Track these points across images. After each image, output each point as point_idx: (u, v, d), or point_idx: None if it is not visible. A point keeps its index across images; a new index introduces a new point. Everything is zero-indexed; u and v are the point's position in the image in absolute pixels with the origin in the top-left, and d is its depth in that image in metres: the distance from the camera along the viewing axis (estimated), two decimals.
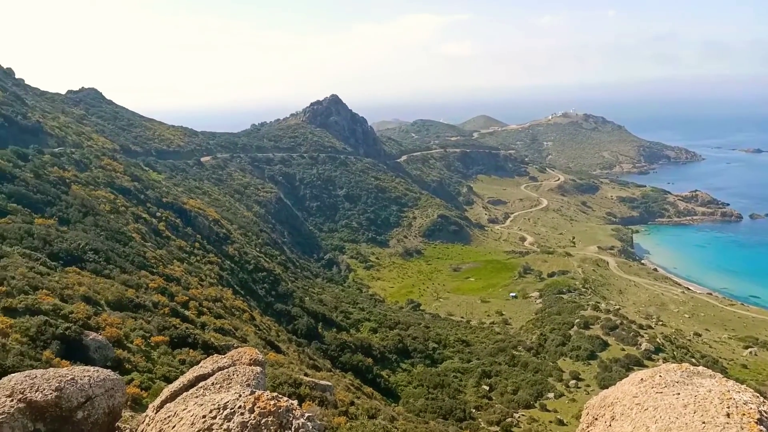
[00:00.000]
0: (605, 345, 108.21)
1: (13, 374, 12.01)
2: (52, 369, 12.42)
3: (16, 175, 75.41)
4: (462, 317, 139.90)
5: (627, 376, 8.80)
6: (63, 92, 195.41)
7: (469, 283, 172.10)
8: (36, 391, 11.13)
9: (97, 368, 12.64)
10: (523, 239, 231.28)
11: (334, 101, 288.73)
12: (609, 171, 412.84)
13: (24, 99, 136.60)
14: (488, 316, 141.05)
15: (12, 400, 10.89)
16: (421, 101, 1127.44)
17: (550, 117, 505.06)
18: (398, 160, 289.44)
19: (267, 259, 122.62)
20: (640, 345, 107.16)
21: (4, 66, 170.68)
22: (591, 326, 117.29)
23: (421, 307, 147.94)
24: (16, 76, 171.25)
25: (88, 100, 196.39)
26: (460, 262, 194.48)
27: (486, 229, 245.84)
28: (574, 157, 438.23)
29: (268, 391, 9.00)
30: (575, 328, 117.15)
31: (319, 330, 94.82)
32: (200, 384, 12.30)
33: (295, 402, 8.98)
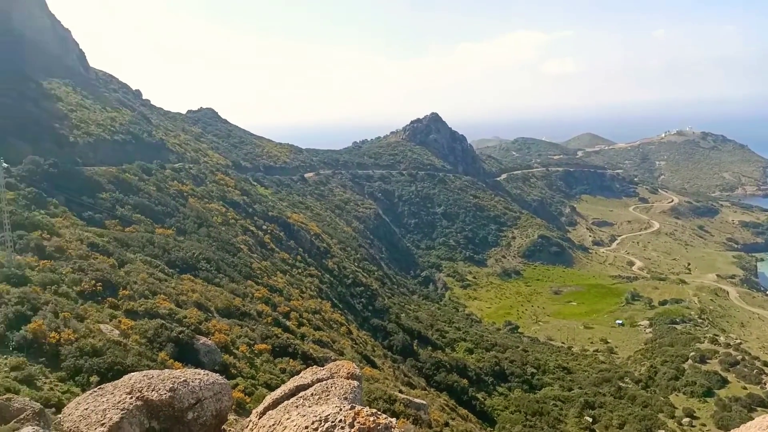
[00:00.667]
0: (724, 382, 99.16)
1: (132, 373, 12.85)
2: (166, 370, 13.16)
3: (141, 188, 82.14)
4: (563, 343, 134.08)
5: (750, 418, 7.86)
6: (183, 112, 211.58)
7: (570, 307, 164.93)
8: (152, 391, 11.82)
9: (206, 372, 13.25)
10: (631, 264, 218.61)
11: (434, 119, 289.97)
12: (730, 193, 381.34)
13: (150, 118, 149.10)
14: (592, 343, 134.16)
15: (131, 397, 11.63)
16: (522, 119, 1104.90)
17: (662, 135, 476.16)
18: (498, 179, 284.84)
19: (365, 274, 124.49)
20: (765, 384, 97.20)
21: (134, 88, 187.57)
22: (708, 360, 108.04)
23: (519, 330, 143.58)
24: (144, 97, 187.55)
25: (206, 119, 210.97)
26: (561, 284, 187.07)
27: (590, 251, 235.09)
28: (690, 178, 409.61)
29: (367, 407, 8.95)
30: (690, 361, 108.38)
31: (415, 347, 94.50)
32: (300, 394, 12.53)
33: (394, 420, 8.85)
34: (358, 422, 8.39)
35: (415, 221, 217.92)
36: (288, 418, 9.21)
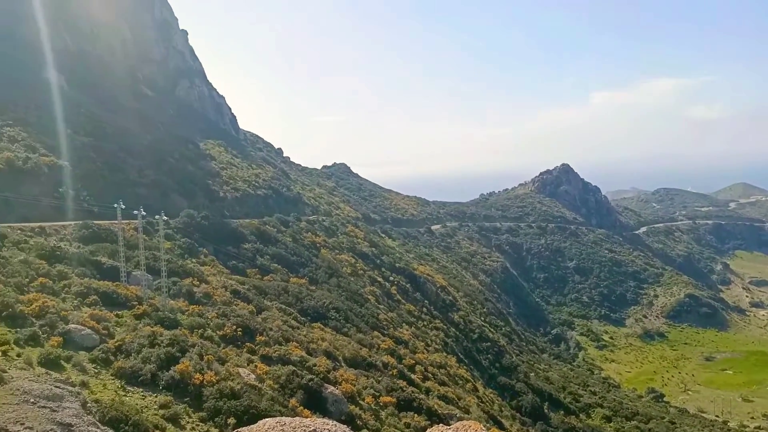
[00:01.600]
0: None
1: (266, 419, 13.49)
2: (297, 418, 13.67)
3: (279, 239, 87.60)
4: (717, 416, 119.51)
5: None
6: (319, 167, 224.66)
7: (726, 376, 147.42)
8: None
9: (334, 423, 13.57)
10: None
11: (565, 170, 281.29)
12: None
13: (288, 174, 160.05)
14: (752, 418, 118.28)
15: None
16: (663, 168, 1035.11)
17: None
18: (636, 232, 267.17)
19: (491, 329, 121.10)
20: None
21: (276, 146, 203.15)
22: None
23: (664, 399, 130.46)
24: (284, 155, 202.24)
25: (339, 173, 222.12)
26: (713, 350, 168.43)
27: (747, 314, 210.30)
28: None
29: None
30: None
31: (545, 410, 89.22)
32: None
33: None
34: None
35: (545, 275, 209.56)
36: None
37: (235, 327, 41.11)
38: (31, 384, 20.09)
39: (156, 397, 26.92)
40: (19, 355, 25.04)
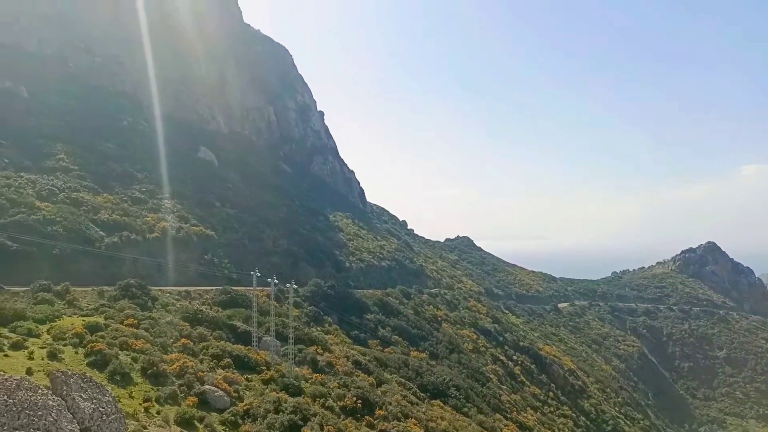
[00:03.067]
0: None
1: None
2: None
3: (400, 311, 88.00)
4: None
5: None
6: (442, 240, 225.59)
7: None
8: None
9: None
10: None
11: (711, 249, 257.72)
12: None
13: (412, 246, 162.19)
14: None
15: None
16: None
17: None
18: None
19: (627, 422, 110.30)
20: None
21: (400, 218, 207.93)
22: None
23: None
24: (408, 227, 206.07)
25: (462, 247, 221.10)
26: None
27: None
28: None
29: None
30: None
31: None
32: None
33: None
34: None
35: (689, 365, 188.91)
36: None
37: (355, 399, 41.28)
38: None
39: None
40: (158, 413, 26.95)
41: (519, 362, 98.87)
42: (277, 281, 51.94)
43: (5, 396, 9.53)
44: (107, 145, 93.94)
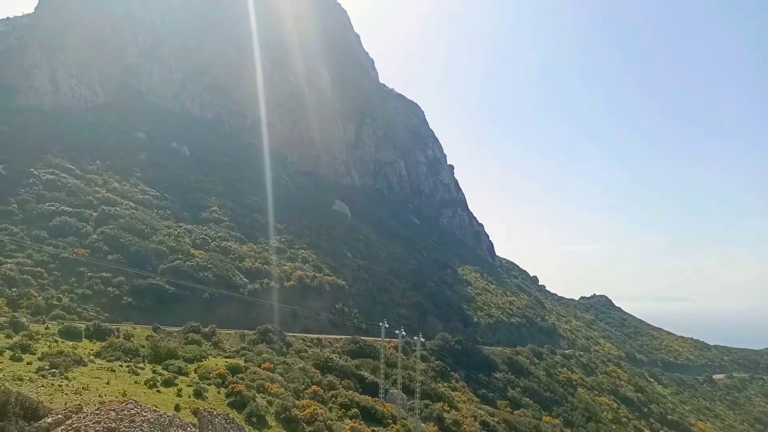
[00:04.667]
0: None
1: None
2: None
3: (531, 372, 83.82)
4: None
5: None
6: (576, 298, 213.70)
7: None
8: None
9: None
10: None
11: None
12: None
13: (544, 303, 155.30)
14: None
15: None
16: None
17: None
18: None
19: None
20: None
21: (531, 274, 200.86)
22: None
23: None
24: (539, 283, 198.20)
25: (598, 306, 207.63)
26: None
27: None
28: None
29: None
30: None
31: None
32: None
33: None
34: None
35: None
36: None
37: None
38: None
39: None
40: None
41: None
42: (404, 333, 52.09)
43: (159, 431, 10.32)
44: (253, 198, 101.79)
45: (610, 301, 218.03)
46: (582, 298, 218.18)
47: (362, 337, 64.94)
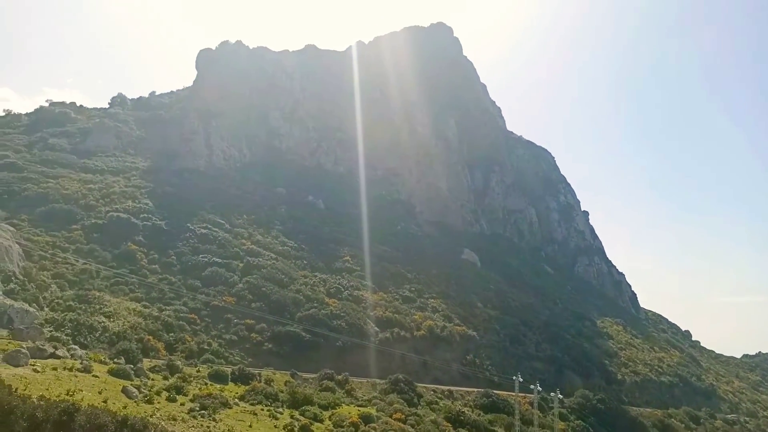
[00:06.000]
0: None
1: None
2: None
3: None
4: None
5: None
6: (738, 356, 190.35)
7: None
8: None
9: None
10: None
11: None
12: None
13: (699, 361, 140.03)
14: None
15: None
16: None
17: None
18: None
19: None
20: None
21: (683, 328, 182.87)
22: None
23: None
24: (693, 338, 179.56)
25: (765, 365, 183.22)
26: None
27: None
28: None
29: None
30: None
31: None
32: None
33: None
34: None
35: None
36: None
37: None
38: None
39: None
40: None
41: None
42: (540, 388, 49.49)
43: None
44: (383, 248, 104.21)
45: None
46: (745, 356, 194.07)
47: (495, 391, 62.61)
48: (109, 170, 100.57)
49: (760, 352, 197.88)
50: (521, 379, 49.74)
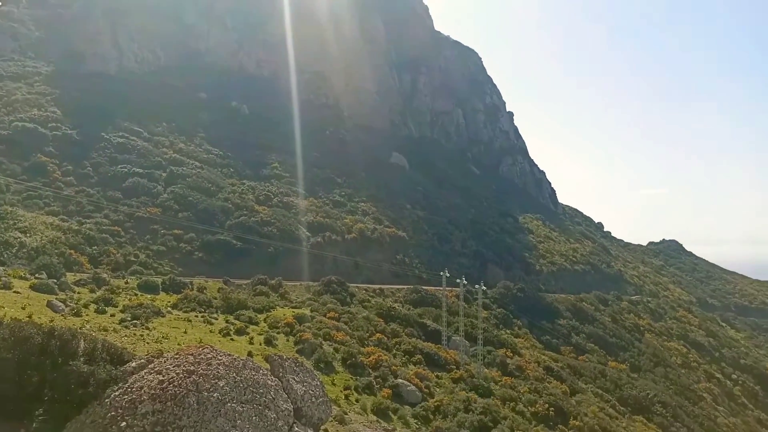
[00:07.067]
0: None
1: None
2: None
3: (596, 318, 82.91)
4: None
5: None
6: (644, 244, 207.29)
7: None
8: None
9: None
10: None
11: None
12: None
13: (609, 249, 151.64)
14: None
15: None
16: None
17: None
18: None
19: None
20: None
21: (596, 220, 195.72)
22: None
23: None
24: (605, 229, 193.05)
25: (668, 251, 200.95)
26: None
27: None
28: None
29: None
30: None
31: None
32: None
33: None
34: None
35: None
36: None
37: (547, 405, 39.91)
38: (364, 429, 22.87)
39: None
40: (357, 401, 28.86)
41: (739, 382, 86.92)
42: (465, 282, 52.41)
43: (234, 374, 11.02)
44: (312, 154, 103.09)
45: (681, 246, 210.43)
46: (650, 243, 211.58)
47: (423, 287, 65.84)
48: (9, 76, 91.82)
49: (663, 239, 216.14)
50: (448, 275, 52.37)
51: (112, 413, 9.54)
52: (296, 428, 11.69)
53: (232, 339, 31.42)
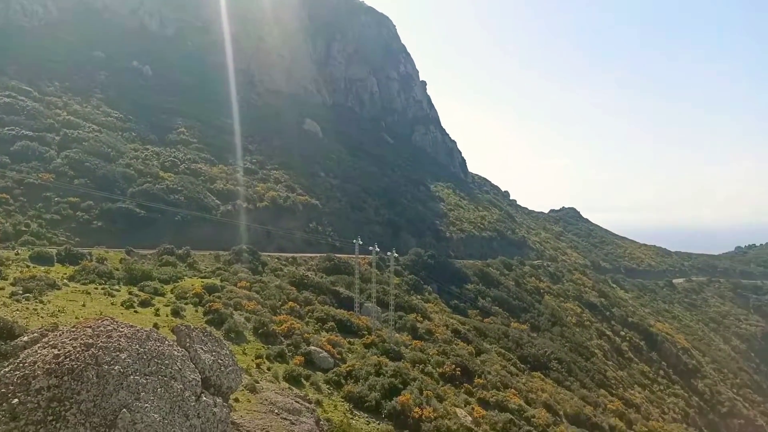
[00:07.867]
0: None
1: None
2: None
3: (501, 282, 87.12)
4: None
5: None
6: (546, 211, 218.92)
7: None
8: None
9: None
10: None
11: None
12: None
13: (514, 217, 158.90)
14: None
15: None
16: None
17: None
18: None
19: (746, 405, 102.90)
20: None
21: (503, 189, 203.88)
22: None
23: None
24: (511, 197, 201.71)
25: (567, 218, 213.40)
26: None
27: None
28: None
29: None
30: None
31: None
32: None
33: None
34: None
35: None
36: None
37: (454, 366, 41.78)
38: (276, 396, 22.98)
39: (378, 424, 28.60)
40: (269, 369, 28.88)
41: (627, 338, 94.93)
42: (378, 249, 53.22)
43: (137, 345, 10.72)
44: (223, 119, 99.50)
45: (579, 213, 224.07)
46: (551, 211, 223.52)
47: (337, 255, 66.19)
48: None
49: (563, 207, 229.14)
50: (361, 242, 52.90)
51: (2, 390, 9.05)
52: (204, 398, 11.60)
53: (135, 311, 30.30)
